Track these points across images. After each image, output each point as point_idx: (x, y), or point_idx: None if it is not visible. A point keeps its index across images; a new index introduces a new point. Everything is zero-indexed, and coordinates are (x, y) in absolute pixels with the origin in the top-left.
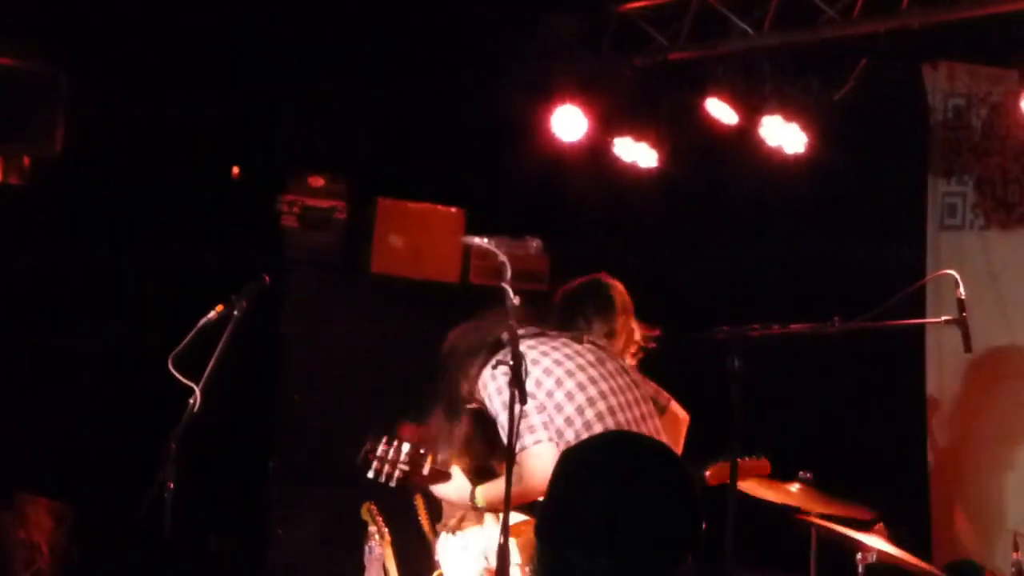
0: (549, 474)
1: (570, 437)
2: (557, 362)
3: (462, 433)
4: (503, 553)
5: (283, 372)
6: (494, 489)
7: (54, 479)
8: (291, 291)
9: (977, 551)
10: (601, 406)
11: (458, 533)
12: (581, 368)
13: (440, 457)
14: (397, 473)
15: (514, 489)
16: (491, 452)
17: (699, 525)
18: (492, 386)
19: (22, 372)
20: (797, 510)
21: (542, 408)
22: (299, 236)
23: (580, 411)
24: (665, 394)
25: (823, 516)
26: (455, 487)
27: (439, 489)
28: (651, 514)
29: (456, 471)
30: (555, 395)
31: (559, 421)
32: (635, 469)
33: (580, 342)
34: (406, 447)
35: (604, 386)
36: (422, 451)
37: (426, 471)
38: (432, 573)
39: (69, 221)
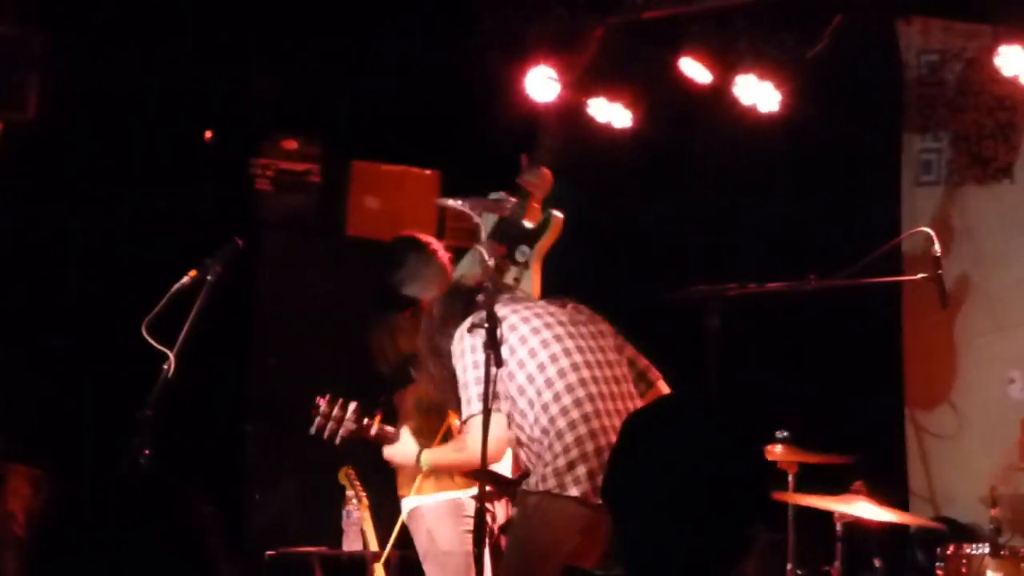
0: (491, 442)
1: (537, 409)
2: (535, 330)
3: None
4: (480, 520)
5: (258, 336)
6: (438, 454)
7: (28, 447)
8: (266, 254)
9: (956, 508)
10: (572, 378)
11: None
12: (558, 338)
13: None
14: (342, 431)
15: (458, 457)
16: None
17: (767, 487)
18: (459, 346)
19: None
20: (774, 465)
21: (511, 377)
22: (273, 199)
23: (549, 383)
24: (655, 371)
25: (804, 472)
26: (402, 449)
27: (387, 450)
28: (723, 479)
29: (405, 432)
30: (527, 365)
31: (530, 392)
32: (701, 435)
33: (561, 305)
34: (352, 406)
35: (576, 351)
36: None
37: (373, 431)
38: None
39: (42, 186)
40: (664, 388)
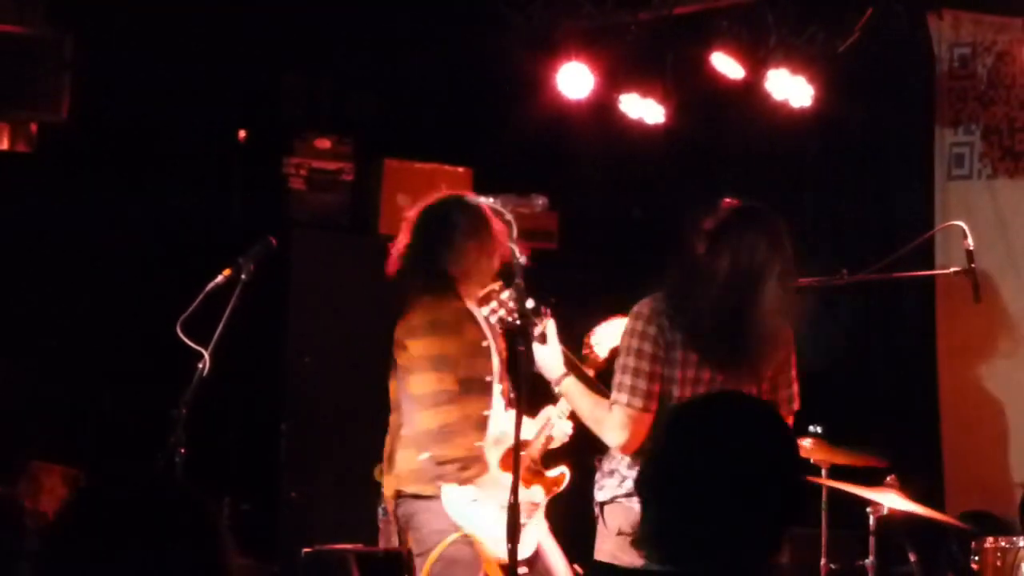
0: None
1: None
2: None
3: None
4: (514, 512)
5: (292, 334)
6: (582, 398)
7: (64, 447)
8: (299, 253)
9: (991, 502)
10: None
11: (467, 486)
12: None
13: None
14: (509, 320)
15: (595, 419)
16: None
17: (803, 483)
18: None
19: (31, 340)
20: (807, 462)
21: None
22: (306, 198)
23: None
24: (794, 405)
25: (836, 467)
26: (550, 358)
27: (537, 351)
28: (762, 472)
29: (559, 349)
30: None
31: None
32: (744, 428)
33: None
34: (531, 303)
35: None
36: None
37: (536, 331)
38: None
39: (76, 188)
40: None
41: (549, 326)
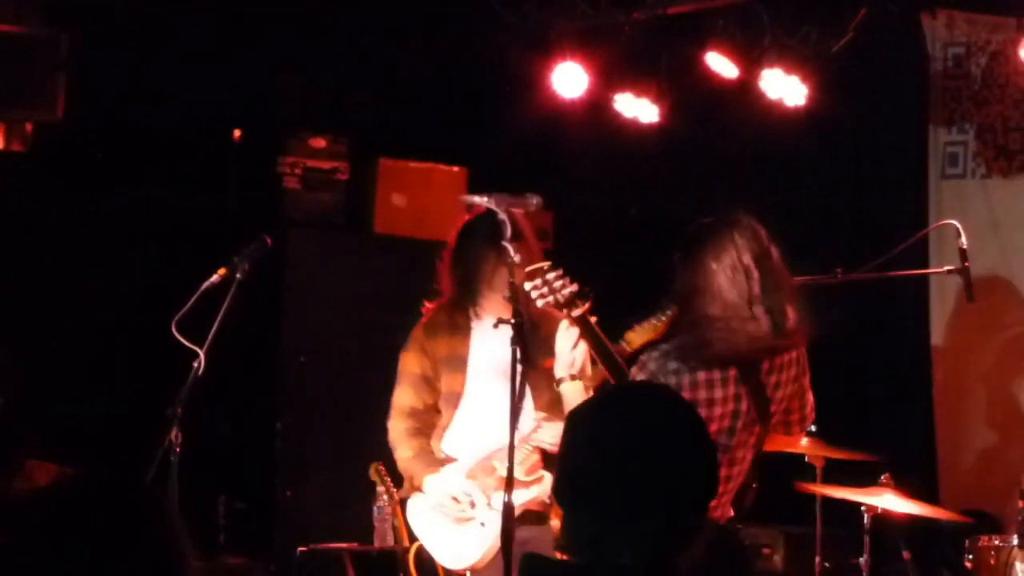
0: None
1: None
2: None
3: None
4: (508, 512)
5: (288, 333)
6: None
7: (60, 445)
8: (294, 253)
9: (985, 500)
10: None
11: (417, 494)
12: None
13: None
14: (550, 299)
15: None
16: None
17: (715, 476)
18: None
19: (26, 339)
20: (803, 458)
21: None
22: (301, 197)
23: None
24: (802, 425)
25: (831, 465)
26: (567, 352)
27: (559, 336)
28: (665, 463)
29: (582, 348)
30: None
31: None
32: (641, 420)
33: None
34: (575, 287)
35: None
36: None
37: (575, 313)
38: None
39: (71, 187)
40: (795, 441)
41: (564, 331)
